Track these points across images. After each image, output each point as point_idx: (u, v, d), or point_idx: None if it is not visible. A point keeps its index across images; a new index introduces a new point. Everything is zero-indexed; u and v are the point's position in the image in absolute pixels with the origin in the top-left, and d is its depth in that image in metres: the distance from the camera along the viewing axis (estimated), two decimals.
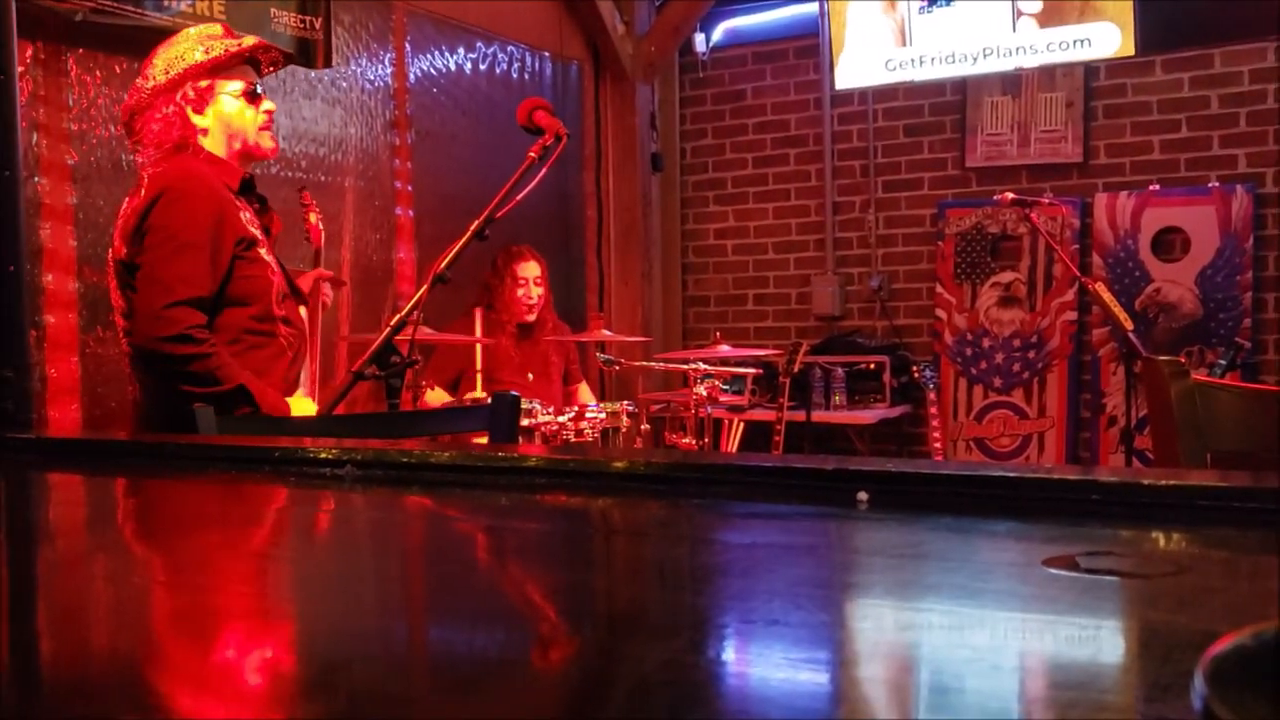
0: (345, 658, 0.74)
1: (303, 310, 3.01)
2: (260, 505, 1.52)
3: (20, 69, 3.17)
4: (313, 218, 3.52)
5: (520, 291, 4.66)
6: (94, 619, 0.89)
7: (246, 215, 2.78)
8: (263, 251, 2.77)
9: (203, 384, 2.61)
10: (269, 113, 2.87)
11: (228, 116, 2.81)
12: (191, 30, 2.88)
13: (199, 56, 2.76)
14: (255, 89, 2.85)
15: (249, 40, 2.86)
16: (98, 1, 3.63)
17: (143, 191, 2.71)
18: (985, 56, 5.73)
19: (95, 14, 3.66)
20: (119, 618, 0.87)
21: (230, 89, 2.80)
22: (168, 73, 2.76)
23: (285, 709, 0.64)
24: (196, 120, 2.78)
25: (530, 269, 4.69)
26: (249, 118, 2.83)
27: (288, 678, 0.71)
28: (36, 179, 3.71)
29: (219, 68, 2.79)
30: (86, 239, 3.81)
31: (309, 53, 4.42)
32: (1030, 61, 5.66)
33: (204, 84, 2.77)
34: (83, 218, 3.84)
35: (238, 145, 2.83)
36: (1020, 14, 5.63)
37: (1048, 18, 5.60)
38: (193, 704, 0.65)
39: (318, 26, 4.43)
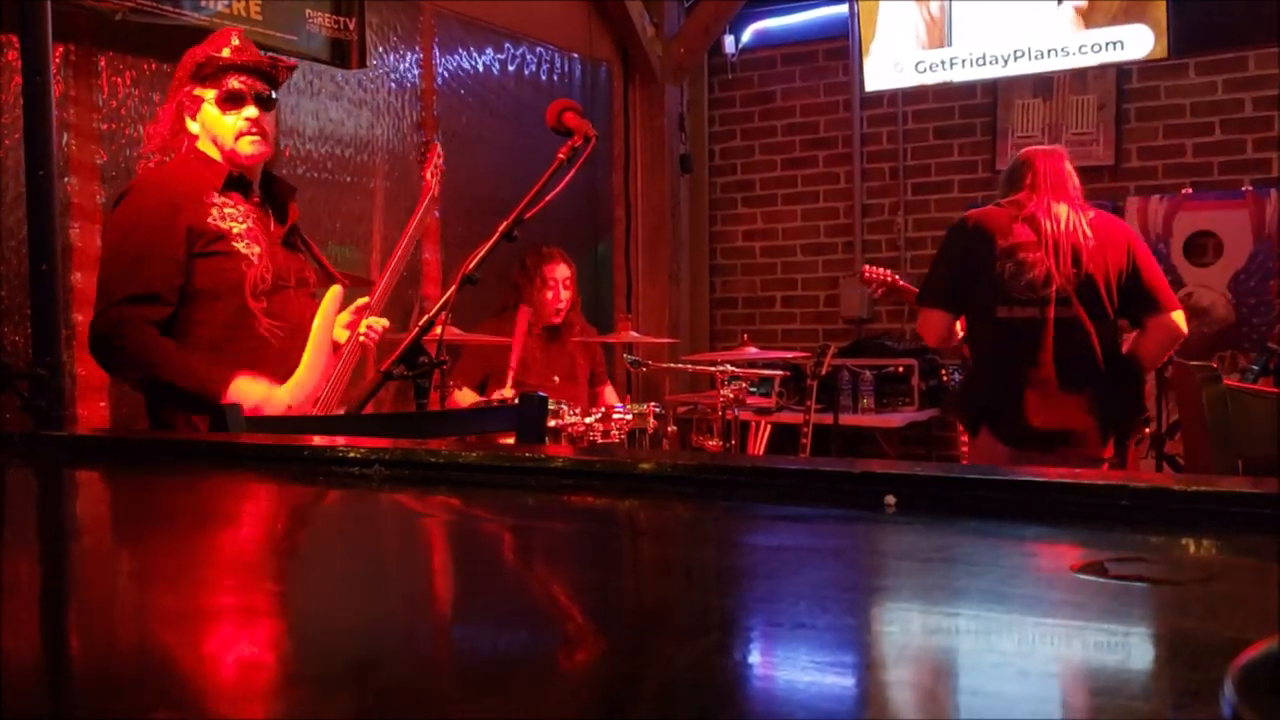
0: (374, 656, 0.74)
1: (335, 291, 2.97)
2: (289, 504, 1.53)
3: (51, 70, 3.20)
4: (429, 175, 3.54)
5: (550, 294, 4.67)
6: (125, 615, 0.89)
7: (230, 210, 2.81)
8: (240, 245, 2.78)
9: (141, 378, 2.75)
10: (250, 119, 2.86)
11: (209, 124, 2.87)
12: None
13: (188, 65, 2.87)
14: (234, 94, 2.85)
15: (225, 51, 2.88)
16: (136, 1, 3.66)
17: None
18: (1017, 59, 5.71)
19: (134, 14, 3.69)
20: (150, 614, 0.88)
21: (209, 95, 2.85)
22: (173, 80, 2.91)
23: (314, 706, 0.64)
24: (190, 126, 2.88)
25: (560, 271, 4.69)
26: (227, 124, 2.85)
27: (317, 675, 0.71)
28: (66, 178, 3.75)
29: (199, 76, 2.85)
30: None
31: (343, 53, 4.45)
32: (1063, 64, 5.63)
33: (195, 92, 2.86)
34: None
35: (219, 153, 2.87)
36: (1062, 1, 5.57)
37: (1090, 12, 5.55)
38: (223, 701, 0.66)
39: (351, 27, 4.45)
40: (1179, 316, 3.52)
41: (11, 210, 3.53)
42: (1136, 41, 5.42)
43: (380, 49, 4.93)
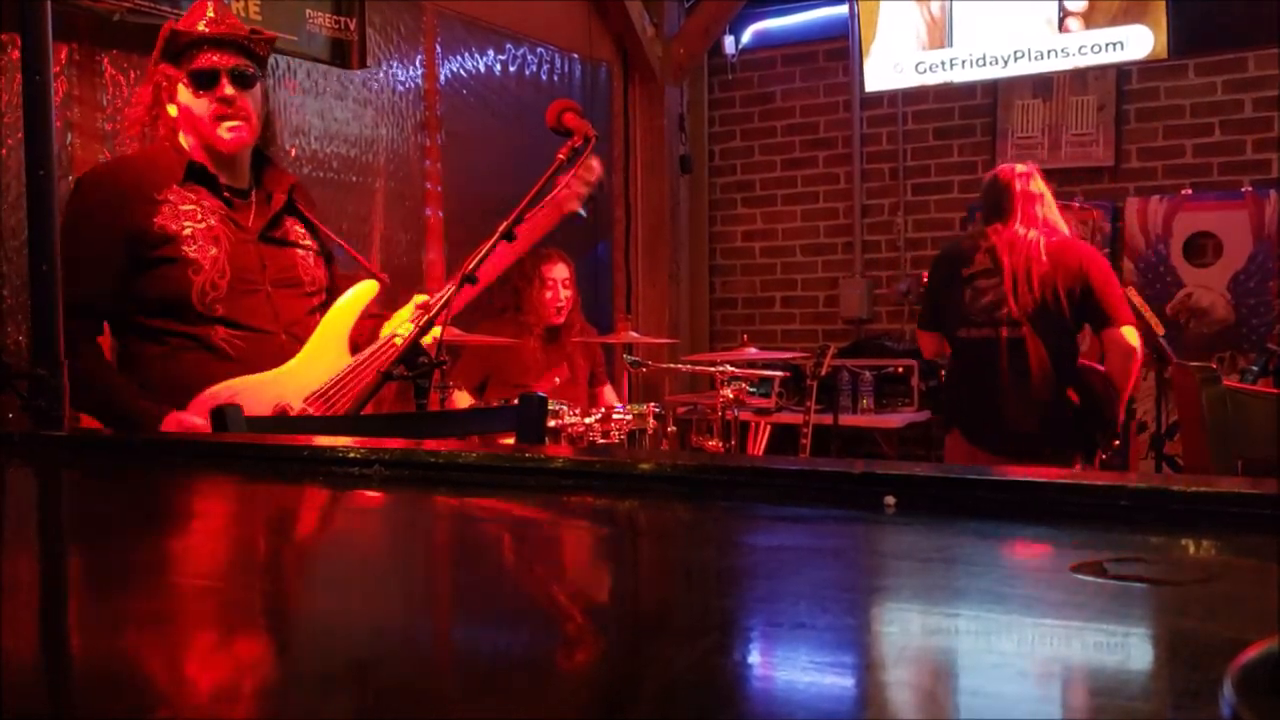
0: (374, 656, 0.74)
1: (365, 288, 2.81)
2: (288, 504, 1.53)
3: (55, 70, 3.20)
4: (567, 178, 3.18)
5: (549, 294, 4.66)
6: (125, 615, 0.89)
7: (188, 206, 2.63)
8: (189, 248, 2.59)
9: (84, 401, 2.51)
10: (225, 99, 2.65)
11: (186, 106, 2.68)
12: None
13: (157, 41, 2.69)
14: (204, 73, 2.65)
15: (201, 25, 2.68)
16: (134, 1, 3.66)
17: None
18: (1017, 59, 5.71)
19: (132, 14, 3.69)
20: (149, 614, 0.88)
21: (184, 77, 2.67)
22: (150, 60, 2.73)
23: (314, 706, 0.64)
24: (169, 109, 2.69)
25: (559, 271, 4.69)
26: (201, 107, 2.66)
27: (316, 675, 0.71)
28: (70, 178, 3.74)
29: (169, 54, 2.67)
30: None
31: (344, 53, 4.45)
32: (1063, 65, 5.63)
33: (170, 72, 2.68)
34: None
35: (195, 138, 2.69)
36: (1067, 13, 5.59)
37: (1090, 12, 5.56)
38: (223, 701, 0.66)
39: (352, 27, 4.45)
40: (1128, 331, 3.86)
41: (14, 210, 3.53)
42: (1136, 42, 5.42)
43: (383, 49, 4.93)
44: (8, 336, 3.58)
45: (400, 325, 2.78)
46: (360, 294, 2.82)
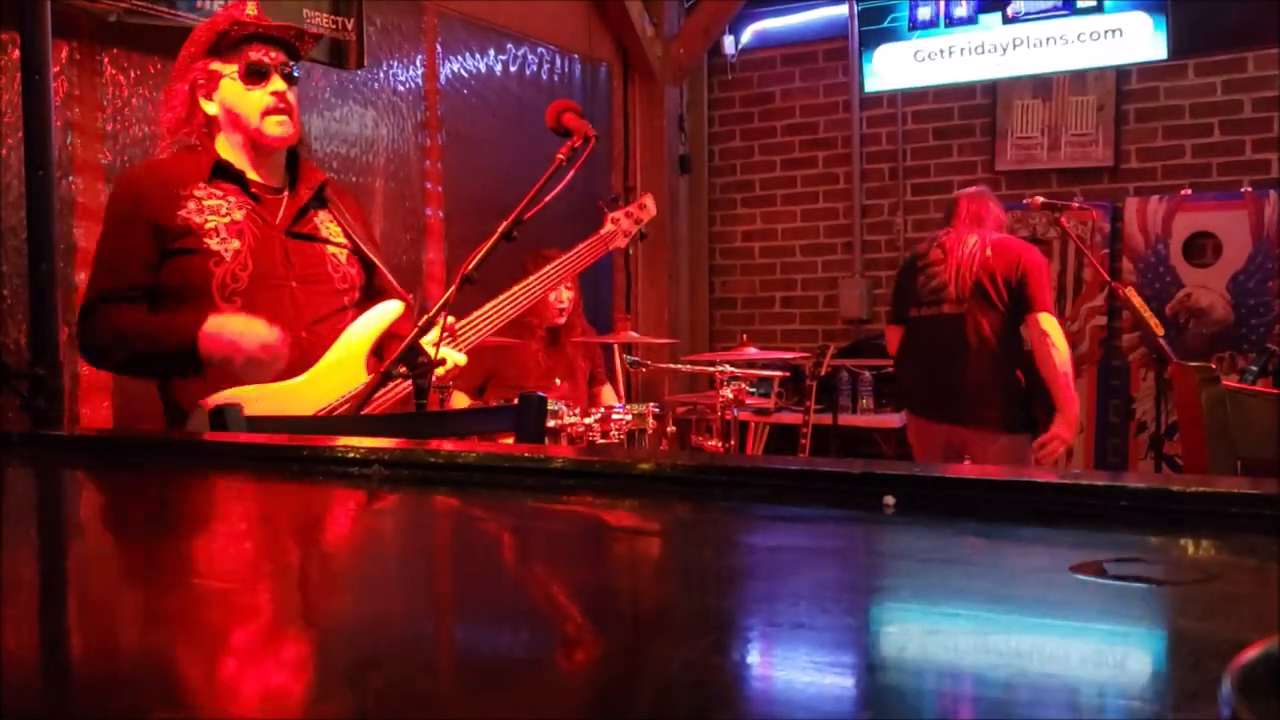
0: (373, 656, 0.74)
1: (390, 308, 2.77)
2: (288, 504, 1.52)
3: (55, 69, 3.20)
4: (613, 219, 3.18)
5: (552, 296, 4.65)
6: (124, 614, 0.89)
7: (214, 201, 2.62)
8: (212, 241, 2.59)
9: (123, 355, 2.60)
10: (277, 94, 2.64)
11: (231, 101, 2.66)
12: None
13: (202, 39, 2.66)
14: (257, 67, 2.64)
15: (244, 18, 2.66)
16: (131, 2, 3.66)
17: None
18: (1016, 57, 5.71)
19: (129, 15, 3.69)
20: (149, 614, 0.88)
21: (229, 70, 2.64)
22: (180, 60, 2.70)
23: (313, 706, 0.64)
24: (207, 107, 2.68)
25: None
26: (253, 100, 2.64)
27: (316, 675, 0.71)
28: (70, 178, 3.75)
29: (218, 49, 2.65)
30: None
31: (342, 54, 4.45)
32: (1063, 63, 5.64)
33: (213, 67, 2.65)
34: None
35: (240, 134, 2.68)
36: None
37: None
38: (222, 700, 0.66)
39: (350, 27, 4.45)
40: (1044, 318, 4.21)
41: (15, 210, 3.53)
42: (1136, 39, 5.43)
43: (384, 49, 4.93)
44: (8, 336, 3.58)
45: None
46: (382, 314, 2.77)
